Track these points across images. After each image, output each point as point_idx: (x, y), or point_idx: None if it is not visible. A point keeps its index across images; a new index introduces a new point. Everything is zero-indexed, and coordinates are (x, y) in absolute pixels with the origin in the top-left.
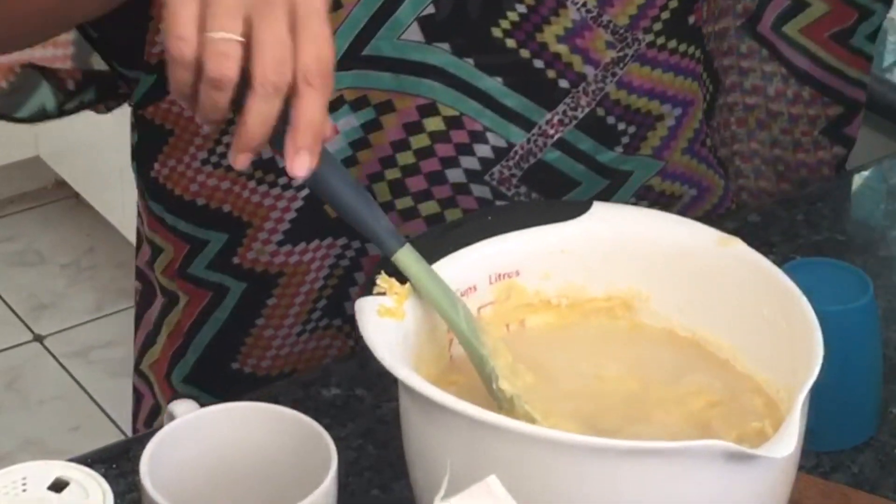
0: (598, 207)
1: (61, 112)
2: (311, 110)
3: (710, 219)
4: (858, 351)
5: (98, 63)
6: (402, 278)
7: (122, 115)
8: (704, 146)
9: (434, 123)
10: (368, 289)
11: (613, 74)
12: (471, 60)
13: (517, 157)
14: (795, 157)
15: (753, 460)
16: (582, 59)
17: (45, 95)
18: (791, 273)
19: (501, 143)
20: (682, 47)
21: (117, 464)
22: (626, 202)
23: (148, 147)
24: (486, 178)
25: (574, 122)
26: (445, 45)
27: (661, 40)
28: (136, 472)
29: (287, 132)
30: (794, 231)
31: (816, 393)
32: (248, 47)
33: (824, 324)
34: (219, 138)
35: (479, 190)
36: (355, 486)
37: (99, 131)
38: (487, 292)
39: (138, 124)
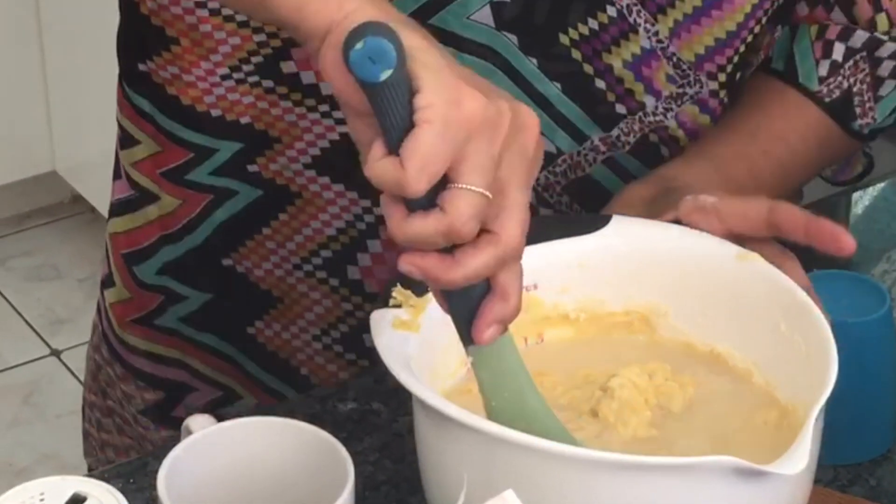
0: (617, 221)
1: None
2: (520, 282)
3: None
4: (876, 363)
5: None
6: (418, 290)
7: None
8: None
9: None
10: (384, 301)
11: (672, 110)
12: (535, 61)
13: (564, 167)
14: None
15: (765, 476)
16: (644, 88)
17: None
18: None
19: (551, 149)
20: (728, 99)
21: (135, 479)
22: None
23: (140, 41)
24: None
25: (627, 148)
26: (514, 38)
27: (722, 93)
28: (153, 486)
29: (491, 299)
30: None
31: (833, 405)
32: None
33: (841, 336)
34: (246, 57)
35: None
36: (372, 500)
37: (115, 145)
38: None
39: (126, 8)
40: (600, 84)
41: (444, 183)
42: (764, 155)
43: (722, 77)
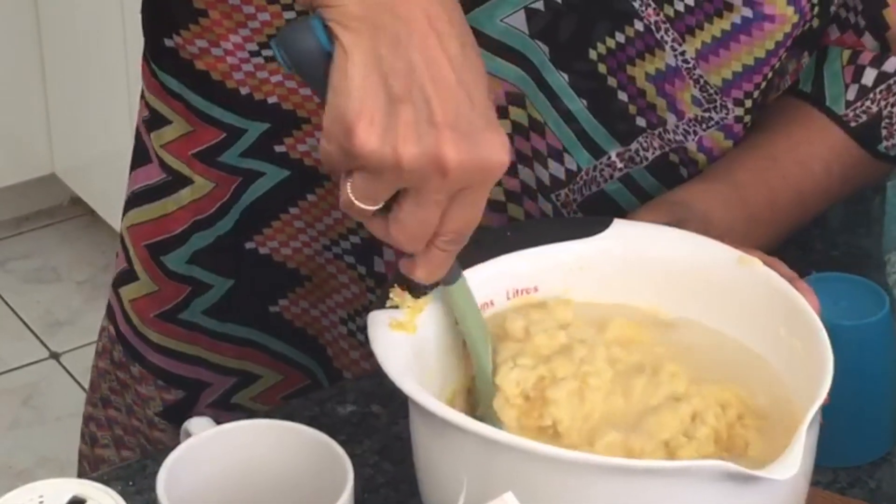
0: (618, 225)
1: None
2: (432, 266)
3: None
4: (875, 366)
5: None
6: (415, 292)
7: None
8: None
9: (519, 115)
10: (381, 302)
11: (695, 133)
12: (566, 77)
13: (581, 183)
14: None
15: (758, 481)
16: (667, 104)
17: None
18: None
19: (573, 167)
20: (750, 124)
21: (134, 481)
22: None
23: (167, 14)
24: (552, 196)
25: (644, 164)
26: (546, 49)
27: (747, 119)
28: (152, 489)
29: (409, 259)
30: (809, 246)
31: (833, 408)
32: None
33: (840, 339)
34: (275, 33)
35: (542, 202)
36: (371, 502)
37: (114, 148)
38: (505, 308)
39: None
40: (622, 96)
41: None
42: (784, 181)
43: (748, 103)
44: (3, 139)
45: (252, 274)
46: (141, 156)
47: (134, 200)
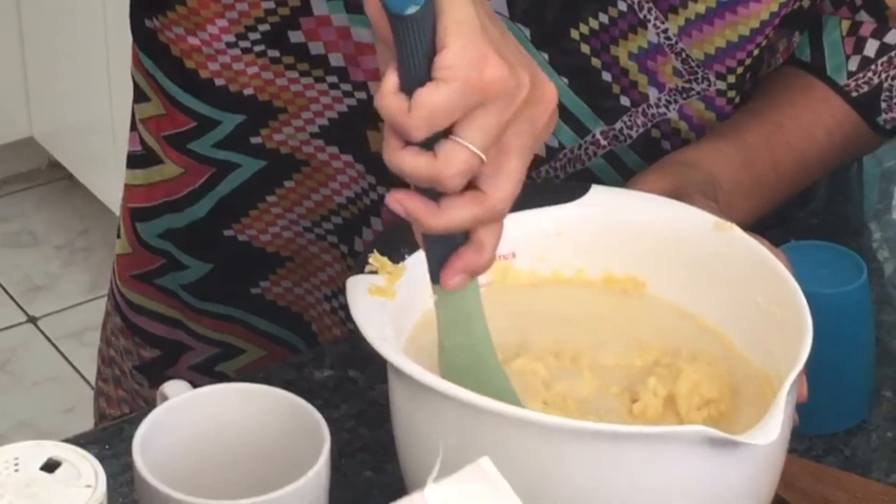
0: (596, 191)
1: None
2: (497, 239)
3: None
4: (852, 334)
5: None
6: (394, 257)
7: (115, 96)
8: None
9: None
10: (360, 267)
11: (676, 102)
12: (545, 56)
13: (564, 160)
14: None
15: (737, 446)
16: (648, 79)
17: None
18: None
19: (553, 144)
20: (738, 99)
21: (110, 445)
22: None
23: None
24: (533, 174)
25: (628, 142)
26: (527, 31)
27: (731, 94)
28: (128, 453)
29: (465, 250)
30: (788, 214)
31: (810, 376)
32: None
33: (818, 307)
34: (253, 24)
35: None
36: (348, 467)
37: (93, 111)
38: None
39: None
40: (607, 77)
41: (447, 131)
42: (788, 146)
43: (731, 78)
44: None
45: (231, 260)
46: (132, 122)
47: (128, 162)
